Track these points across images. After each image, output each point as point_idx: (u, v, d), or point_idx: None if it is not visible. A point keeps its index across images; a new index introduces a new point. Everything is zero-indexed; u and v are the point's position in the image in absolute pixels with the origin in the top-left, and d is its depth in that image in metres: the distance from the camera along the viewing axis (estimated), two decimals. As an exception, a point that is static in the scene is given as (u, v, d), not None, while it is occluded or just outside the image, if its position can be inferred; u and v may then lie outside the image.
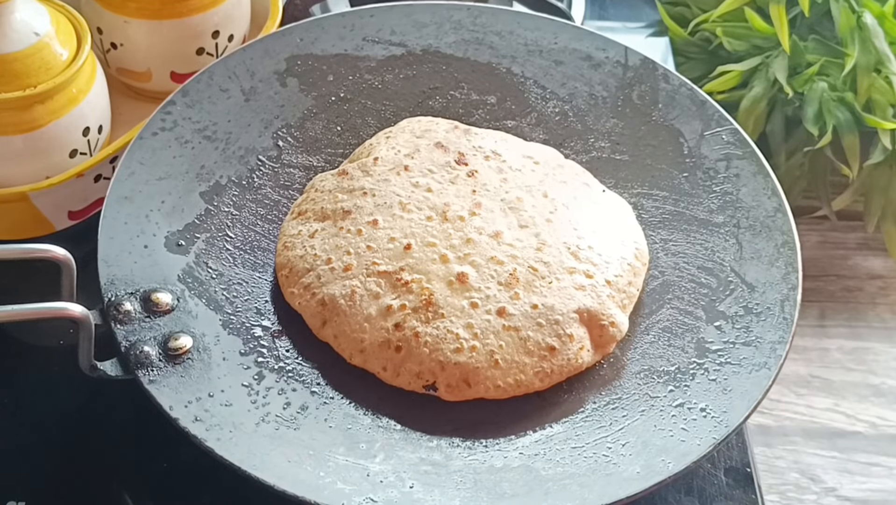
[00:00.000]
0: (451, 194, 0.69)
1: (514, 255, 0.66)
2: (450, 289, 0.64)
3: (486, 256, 0.66)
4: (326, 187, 0.70)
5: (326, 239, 0.67)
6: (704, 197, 0.72)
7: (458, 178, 0.70)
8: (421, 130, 0.73)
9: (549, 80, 0.78)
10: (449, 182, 0.69)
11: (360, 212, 0.68)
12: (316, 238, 0.67)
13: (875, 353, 1.04)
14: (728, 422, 0.61)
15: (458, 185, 0.69)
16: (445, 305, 0.64)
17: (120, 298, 0.63)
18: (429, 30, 0.79)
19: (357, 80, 0.77)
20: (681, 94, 0.76)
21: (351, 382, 0.64)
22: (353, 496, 0.57)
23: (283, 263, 0.67)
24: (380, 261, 0.66)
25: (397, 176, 0.70)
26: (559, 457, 0.61)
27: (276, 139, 0.74)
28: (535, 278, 0.65)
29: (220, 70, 0.74)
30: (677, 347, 0.66)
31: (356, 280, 0.65)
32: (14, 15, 0.69)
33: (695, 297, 0.68)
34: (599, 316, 0.65)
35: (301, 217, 0.69)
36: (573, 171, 0.73)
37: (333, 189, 0.70)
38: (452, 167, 0.70)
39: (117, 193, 0.67)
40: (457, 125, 0.74)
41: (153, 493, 0.65)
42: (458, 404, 0.64)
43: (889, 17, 0.99)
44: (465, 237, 0.67)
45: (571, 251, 0.67)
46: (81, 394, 0.68)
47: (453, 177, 0.70)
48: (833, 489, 0.95)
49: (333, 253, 0.66)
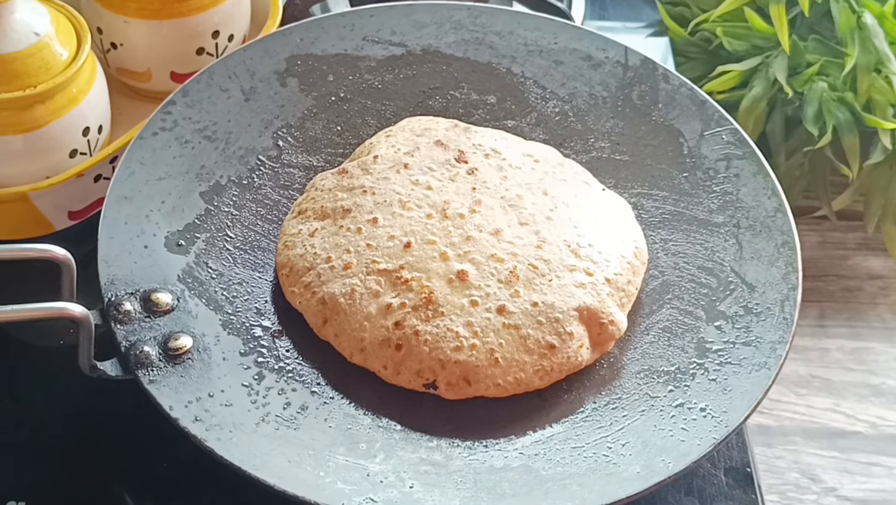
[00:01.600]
0: (451, 192, 0.69)
1: (514, 252, 0.66)
2: (450, 287, 0.64)
3: (486, 253, 0.66)
4: (326, 186, 0.70)
5: (326, 238, 0.67)
6: (704, 197, 0.73)
7: (457, 176, 0.70)
8: (421, 129, 0.73)
9: (549, 80, 0.78)
10: (449, 180, 0.69)
11: (360, 210, 0.68)
12: (316, 237, 0.67)
13: (875, 353, 1.04)
14: (728, 422, 0.61)
15: (458, 183, 0.69)
16: (445, 302, 0.64)
17: (120, 298, 0.63)
18: (429, 30, 0.79)
19: (357, 79, 0.77)
20: (681, 94, 0.76)
21: (351, 382, 0.64)
22: (353, 496, 0.57)
23: (283, 263, 0.67)
24: (380, 259, 0.66)
25: (397, 174, 0.70)
26: (559, 457, 0.61)
27: (276, 139, 0.74)
28: (535, 276, 0.65)
29: (220, 70, 0.74)
30: (677, 347, 0.66)
31: (356, 278, 0.65)
32: (14, 15, 0.69)
33: (695, 297, 0.68)
34: (599, 314, 0.65)
35: (301, 216, 0.69)
36: (573, 170, 0.73)
37: (333, 188, 0.70)
38: (452, 165, 0.70)
39: (117, 193, 0.67)
40: (457, 123, 0.74)
41: (153, 493, 0.65)
42: (458, 404, 0.64)
43: (889, 17, 0.99)
44: (465, 235, 0.67)
45: (571, 249, 0.67)
46: (81, 394, 0.68)
47: (453, 174, 0.70)
48: (833, 489, 0.95)
49: (333, 251, 0.66)
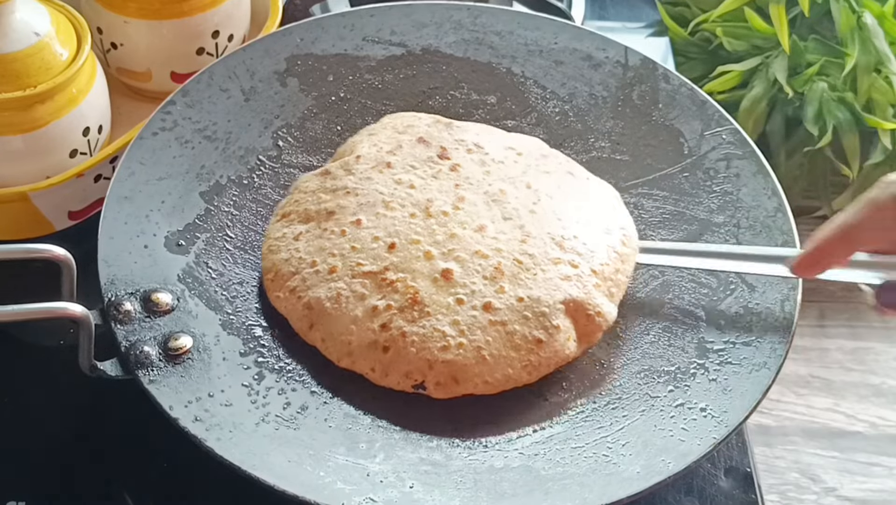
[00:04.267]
0: (434, 189, 0.69)
1: (498, 248, 0.66)
2: (435, 286, 0.64)
3: (470, 250, 0.66)
4: (310, 188, 0.70)
5: (311, 241, 0.67)
6: (704, 197, 0.72)
7: (440, 173, 0.70)
8: (403, 126, 0.73)
9: (549, 80, 0.78)
10: (432, 177, 0.69)
11: (344, 212, 0.68)
12: (300, 241, 0.67)
13: (875, 353, 1.04)
14: (728, 422, 0.61)
15: (441, 180, 0.69)
16: (431, 302, 0.64)
17: (120, 297, 0.63)
18: (429, 30, 0.79)
19: (357, 79, 0.77)
20: (681, 94, 0.76)
21: (351, 383, 0.64)
22: (353, 496, 0.57)
23: (268, 267, 0.67)
24: (364, 261, 0.65)
25: (380, 173, 0.70)
26: (559, 457, 0.61)
27: (276, 139, 0.74)
28: (520, 271, 0.65)
29: (220, 70, 0.74)
30: (677, 347, 0.66)
31: (341, 282, 0.65)
32: (14, 15, 0.69)
33: (695, 297, 0.68)
34: (586, 306, 0.65)
35: (285, 219, 0.69)
36: (556, 161, 0.73)
37: (317, 189, 0.70)
38: (435, 162, 0.70)
39: (117, 193, 0.67)
40: (438, 119, 0.74)
41: (153, 493, 0.65)
42: (458, 404, 0.63)
43: (889, 17, 0.99)
44: (448, 232, 0.67)
45: (556, 241, 0.67)
46: (81, 394, 0.68)
47: (436, 171, 0.70)
48: (833, 489, 0.95)
49: (318, 255, 0.66)
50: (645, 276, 0.70)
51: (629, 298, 0.69)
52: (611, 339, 0.67)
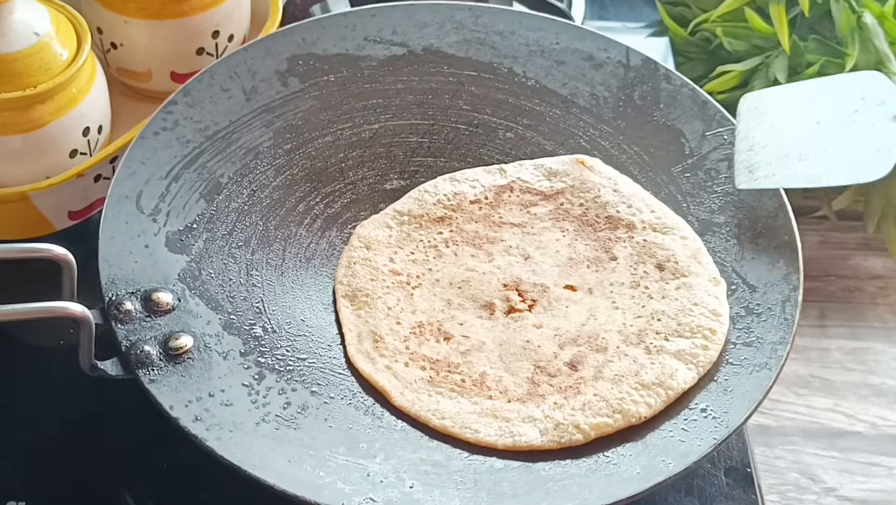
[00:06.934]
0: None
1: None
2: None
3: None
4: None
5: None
6: (706, 197, 0.72)
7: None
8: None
9: (550, 80, 0.78)
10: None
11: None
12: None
13: (875, 353, 1.04)
14: (728, 422, 0.60)
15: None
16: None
17: (120, 297, 0.63)
18: (430, 30, 0.79)
19: (358, 79, 0.77)
20: (682, 94, 0.76)
21: (351, 383, 0.64)
22: (353, 496, 0.57)
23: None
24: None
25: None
26: (559, 457, 0.61)
27: (278, 139, 0.74)
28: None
29: (221, 70, 0.74)
30: (678, 347, 0.66)
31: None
32: (14, 15, 0.69)
33: (695, 297, 0.68)
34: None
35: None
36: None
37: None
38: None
39: (119, 193, 0.67)
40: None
41: (153, 493, 0.65)
42: (458, 404, 0.64)
43: (889, 17, 0.99)
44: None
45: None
46: (81, 394, 0.68)
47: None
48: (833, 489, 0.95)
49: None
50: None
51: (630, 299, 0.69)
52: (611, 339, 0.67)
